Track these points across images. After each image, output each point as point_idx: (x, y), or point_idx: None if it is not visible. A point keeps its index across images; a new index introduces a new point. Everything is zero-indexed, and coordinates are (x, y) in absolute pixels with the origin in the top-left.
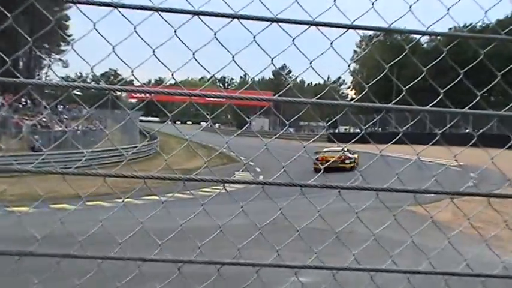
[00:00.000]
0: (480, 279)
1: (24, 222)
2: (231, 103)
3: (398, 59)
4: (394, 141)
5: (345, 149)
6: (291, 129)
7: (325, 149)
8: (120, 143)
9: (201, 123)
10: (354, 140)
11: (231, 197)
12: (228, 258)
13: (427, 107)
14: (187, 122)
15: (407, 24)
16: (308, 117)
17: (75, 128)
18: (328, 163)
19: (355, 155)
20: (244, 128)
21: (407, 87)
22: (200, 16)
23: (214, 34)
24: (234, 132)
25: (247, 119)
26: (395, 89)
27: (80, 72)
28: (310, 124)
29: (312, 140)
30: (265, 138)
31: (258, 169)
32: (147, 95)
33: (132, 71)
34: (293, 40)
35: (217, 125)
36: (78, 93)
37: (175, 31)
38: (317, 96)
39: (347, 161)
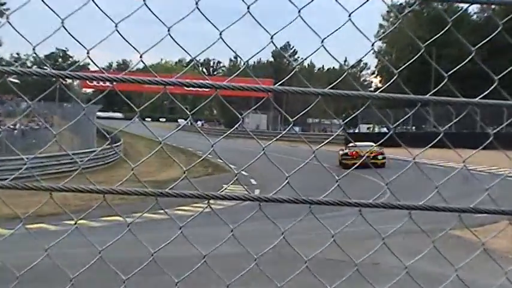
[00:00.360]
0: None
1: None
2: (217, 94)
3: (438, 35)
4: (432, 144)
5: (373, 145)
6: (297, 129)
7: (350, 144)
8: (71, 147)
9: (179, 120)
10: (379, 142)
11: (218, 218)
12: None
13: (477, 99)
14: (161, 119)
15: None
16: (319, 112)
17: (11, 126)
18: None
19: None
20: (235, 127)
21: (450, 72)
22: None
23: (196, 4)
24: (221, 132)
25: (239, 115)
26: (434, 74)
27: (18, 53)
28: (321, 122)
29: (324, 142)
30: (263, 141)
31: (253, 181)
32: (107, 83)
33: (88, 52)
34: (299, 11)
35: (199, 123)
36: (16, 80)
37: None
38: (331, 85)
39: (379, 156)
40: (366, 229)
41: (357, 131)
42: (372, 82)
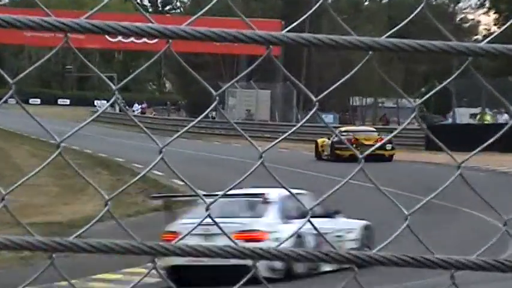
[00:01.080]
0: None
1: None
2: (171, 49)
3: None
4: None
5: (374, 130)
6: (329, 118)
7: (343, 128)
8: None
9: (96, 103)
10: (488, 142)
11: None
12: None
13: None
14: (61, 101)
15: None
16: (373, 86)
17: None
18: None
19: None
20: (206, 113)
21: None
22: None
23: None
24: (181, 125)
25: (212, 91)
26: None
27: None
28: (378, 104)
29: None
30: (262, 142)
31: None
32: None
33: None
34: None
35: (137, 107)
36: None
37: None
38: (394, 30)
39: (387, 146)
40: None
41: (449, 121)
42: (478, 23)
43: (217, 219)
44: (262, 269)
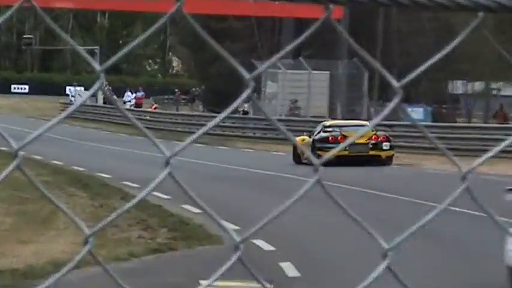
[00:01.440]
0: None
1: None
2: (183, 13)
3: None
4: None
5: (367, 124)
6: (419, 113)
7: (328, 123)
8: None
9: (71, 89)
10: None
11: None
12: None
13: None
14: (15, 88)
15: None
16: (482, 65)
17: None
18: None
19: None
20: (233, 107)
21: None
22: None
23: None
24: (196, 124)
25: (245, 73)
26: None
27: None
28: (492, 91)
29: (487, 155)
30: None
31: (289, 267)
32: None
33: None
34: None
35: (130, 97)
36: None
37: None
38: None
39: (383, 145)
40: None
41: None
42: None
43: None
44: None
